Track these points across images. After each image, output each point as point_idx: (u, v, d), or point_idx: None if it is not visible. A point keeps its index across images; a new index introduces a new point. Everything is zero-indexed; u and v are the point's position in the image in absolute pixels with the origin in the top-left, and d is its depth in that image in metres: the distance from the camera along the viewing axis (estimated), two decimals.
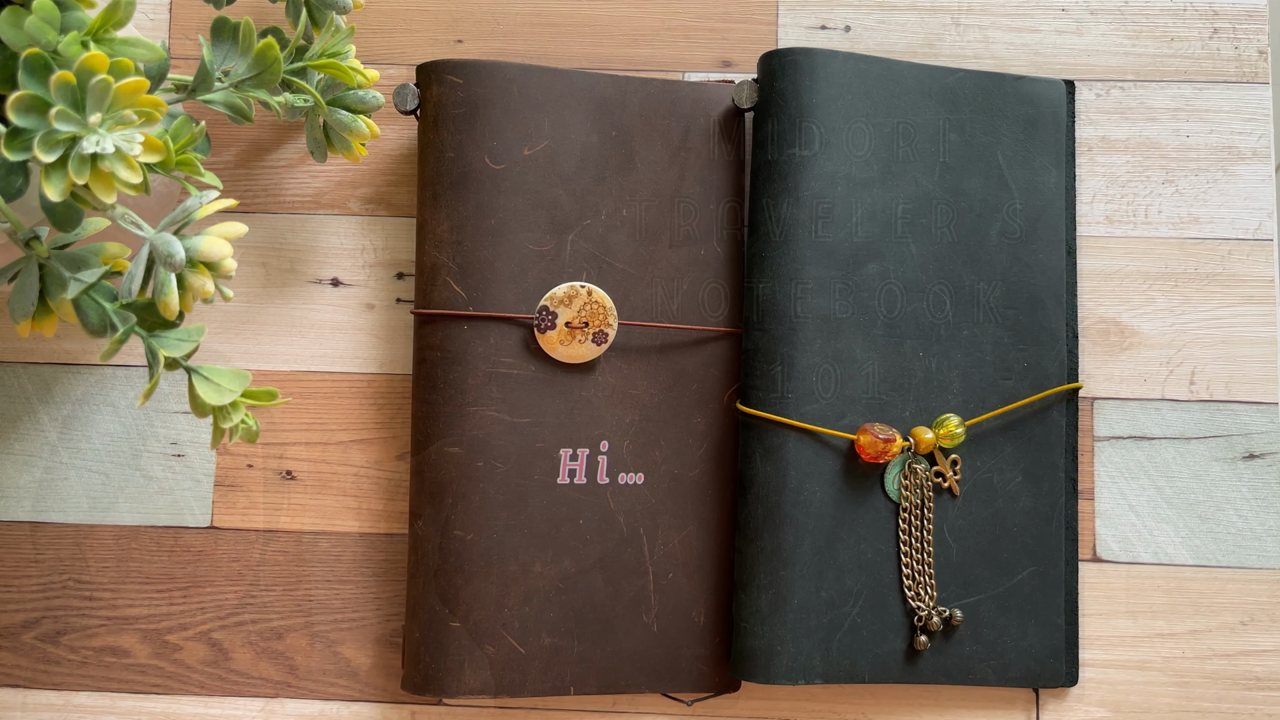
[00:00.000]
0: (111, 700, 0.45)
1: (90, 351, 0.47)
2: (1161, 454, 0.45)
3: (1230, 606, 0.44)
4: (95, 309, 0.33)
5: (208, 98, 0.37)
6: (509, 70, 0.43)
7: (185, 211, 0.34)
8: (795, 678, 0.41)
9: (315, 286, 0.47)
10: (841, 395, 0.42)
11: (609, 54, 0.48)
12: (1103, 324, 0.46)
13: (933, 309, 0.44)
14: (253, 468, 0.46)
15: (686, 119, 0.45)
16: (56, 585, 0.46)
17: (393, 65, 0.48)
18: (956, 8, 0.48)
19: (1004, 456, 0.44)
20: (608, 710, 0.45)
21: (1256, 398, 0.45)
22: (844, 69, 0.43)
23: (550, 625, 0.43)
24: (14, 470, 0.46)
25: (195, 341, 0.34)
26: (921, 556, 0.43)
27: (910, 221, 0.44)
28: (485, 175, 0.43)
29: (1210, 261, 0.46)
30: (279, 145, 0.48)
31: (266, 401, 0.35)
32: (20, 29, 0.28)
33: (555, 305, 0.43)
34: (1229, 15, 0.48)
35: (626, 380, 0.44)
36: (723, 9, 0.48)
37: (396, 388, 0.46)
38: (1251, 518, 0.45)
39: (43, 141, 0.28)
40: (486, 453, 0.42)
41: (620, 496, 0.44)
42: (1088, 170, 0.47)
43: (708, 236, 0.45)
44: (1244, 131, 0.47)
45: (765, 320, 0.42)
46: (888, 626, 0.43)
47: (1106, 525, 0.45)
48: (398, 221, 0.47)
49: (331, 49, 0.40)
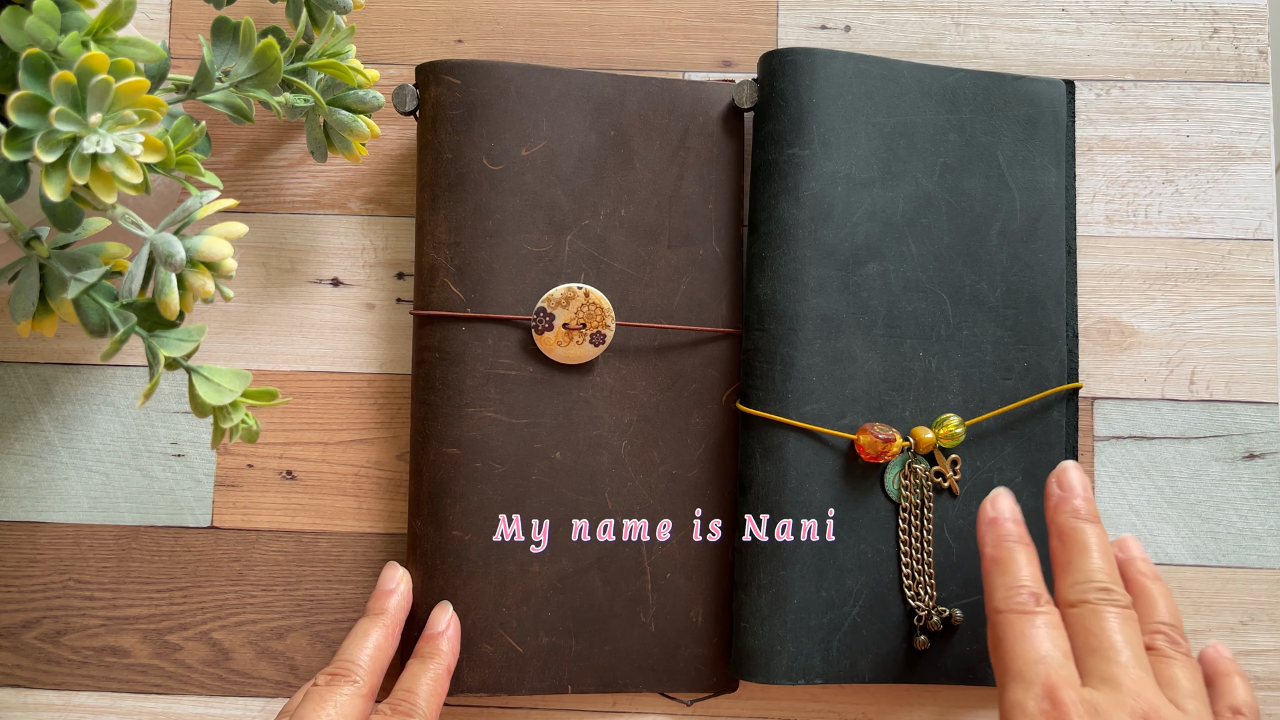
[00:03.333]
0: (111, 700, 0.45)
1: (90, 351, 0.47)
2: (1161, 454, 0.45)
3: (1230, 606, 0.44)
4: (95, 309, 0.33)
5: (208, 98, 0.37)
6: (507, 70, 0.43)
7: (185, 211, 0.34)
8: (795, 678, 0.41)
9: (315, 286, 0.47)
10: (841, 395, 0.42)
11: (609, 54, 0.48)
12: (1103, 324, 0.46)
13: (933, 309, 0.44)
14: (253, 468, 0.46)
15: (686, 119, 0.45)
16: (56, 585, 0.46)
17: (393, 65, 0.48)
18: (956, 8, 0.48)
19: (1004, 456, 0.44)
20: (607, 710, 0.45)
21: (1256, 398, 0.45)
22: (844, 69, 0.43)
23: (548, 624, 0.43)
24: (14, 470, 0.46)
25: (195, 341, 0.34)
26: (921, 556, 0.43)
27: (910, 221, 0.44)
28: (483, 176, 0.43)
29: (1210, 261, 0.46)
30: (279, 145, 0.48)
31: (266, 401, 0.35)
32: (20, 29, 0.28)
33: (553, 306, 0.43)
34: (1229, 15, 0.47)
35: (625, 381, 0.44)
36: (723, 9, 0.48)
37: (396, 388, 0.46)
38: (1251, 517, 0.45)
39: (43, 141, 0.28)
40: (485, 453, 0.42)
41: (618, 497, 0.44)
42: (1088, 170, 0.47)
43: (707, 236, 0.45)
44: (1244, 131, 0.47)
45: (765, 320, 0.42)
46: (888, 626, 0.43)
47: (1107, 525, 0.45)
48: (398, 221, 0.47)
49: (332, 49, 0.40)
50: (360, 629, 0.41)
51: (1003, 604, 0.36)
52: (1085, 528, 0.38)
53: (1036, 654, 0.34)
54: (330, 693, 0.38)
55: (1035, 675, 0.34)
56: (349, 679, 0.39)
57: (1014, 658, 0.35)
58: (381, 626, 0.41)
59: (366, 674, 0.39)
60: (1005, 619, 0.36)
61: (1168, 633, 0.37)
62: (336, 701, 0.38)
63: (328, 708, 0.37)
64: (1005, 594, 0.37)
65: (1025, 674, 0.34)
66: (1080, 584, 0.37)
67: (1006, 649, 0.35)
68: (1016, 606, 0.36)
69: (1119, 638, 0.35)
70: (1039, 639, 0.35)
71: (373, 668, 0.40)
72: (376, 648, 0.40)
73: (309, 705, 0.37)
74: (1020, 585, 0.37)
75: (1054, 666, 0.34)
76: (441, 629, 0.42)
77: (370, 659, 0.40)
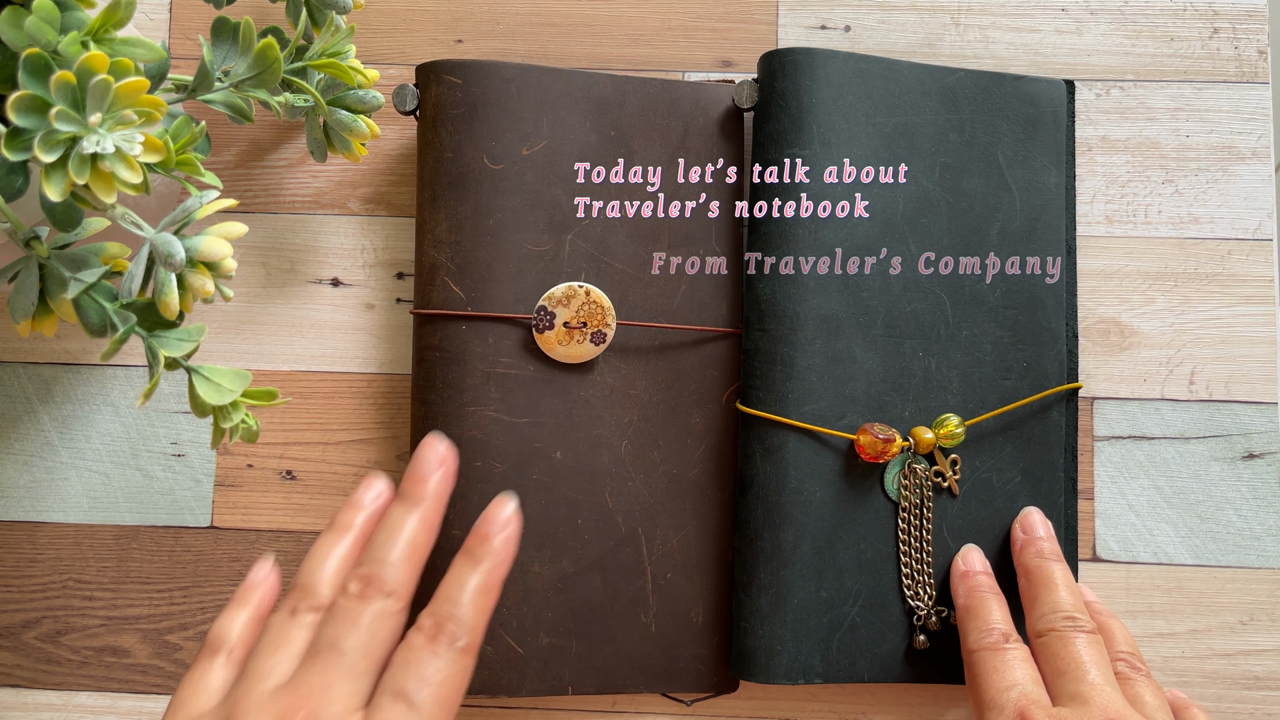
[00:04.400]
0: (111, 700, 0.45)
1: (90, 351, 0.47)
2: (1161, 454, 0.45)
3: (1230, 606, 0.44)
4: (95, 309, 0.33)
5: (208, 98, 0.37)
6: (507, 70, 0.43)
7: (185, 211, 0.34)
8: (795, 677, 0.41)
9: (315, 286, 0.47)
10: (841, 395, 0.42)
11: (609, 54, 0.48)
12: (1102, 324, 0.46)
13: (932, 309, 0.44)
14: (253, 468, 0.46)
15: (686, 119, 0.45)
16: (56, 585, 0.46)
17: (393, 65, 0.48)
18: (956, 8, 0.48)
19: (1003, 456, 0.44)
20: (607, 710, 0.45)
21: (1256, 398, 0.45)
22: (844, 69, 0.43)
23: (548, 625, 0.43)
24: (14, 470, 0.46)
25: (195, 341, 0.34)
26: (921, 556, 0.43)
27: (910, 221, 0.44)
28: (484, 175, 0.43)
29: (1210, 261, 0.46)
30: (279, 145, 0.48)
31: (266, 401, 0.35)
32: (20, 29, 0.28)
33: (553, 305, 0.43)
34: (1229, 15, 0.48)
35: (625, 380, 0.44)
36: (723, 9, 0.48)
37: (396, 388, 0.46)
38: (1251, 517, 0.45)
39: (43, 141, 0.28)
40: (485, 453, 0.42)
41: (619, 497, 0.44)
42: (1088, 170, 0.47)
43: (706, 236, 0.45)
44: (1244, 131, 0.47)
45: (765, 320, 0.43)
46: (887, 626, 0.43)
47: (1106, 525, 0.45)
48: (398, 221, 0.47)
49: (331, 49, 0.40)
50: (394, 519, 0.32)
51: (975, 644, 0.39)
52: (1050, 565, 0.41)
53: (1008, 682, 0.37)
54: (361, 608, 0.30)
55: (1007, 701, 0.36)
56: (381, 590, 0.31)
57: (987, 688, 0.37)
58: (420, 517, 0.32)
59: (402, 582, 0.31)
60: (978, 656, 0.38)
61: (1128, 659, 0.39)
62: (367, 622, 0.30)
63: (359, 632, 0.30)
64: (978, 635, 0.39)
65: (998, 701, 0.36)
66: (1047, 614, 0.39)
67: (981, 682, 0.37)
68: (988, 645, 0.38)
69: (1086, 658, 0.37)
70: (1010, 669, 0.37)
71: (409, 574, 0.31)
72: (413, 546, 0.32)
73: (336, 624, 0.30)
74: (992, 628, 0.39)
75: (1025, 691, 0.36)
76: (500, 529, 0.33)
77: (405, 561, 0.31)
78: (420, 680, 0.29)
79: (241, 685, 0.30)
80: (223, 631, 0.32)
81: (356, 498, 0.34)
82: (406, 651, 0.30)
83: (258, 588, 0.34)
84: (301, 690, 0.29)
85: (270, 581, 0.34)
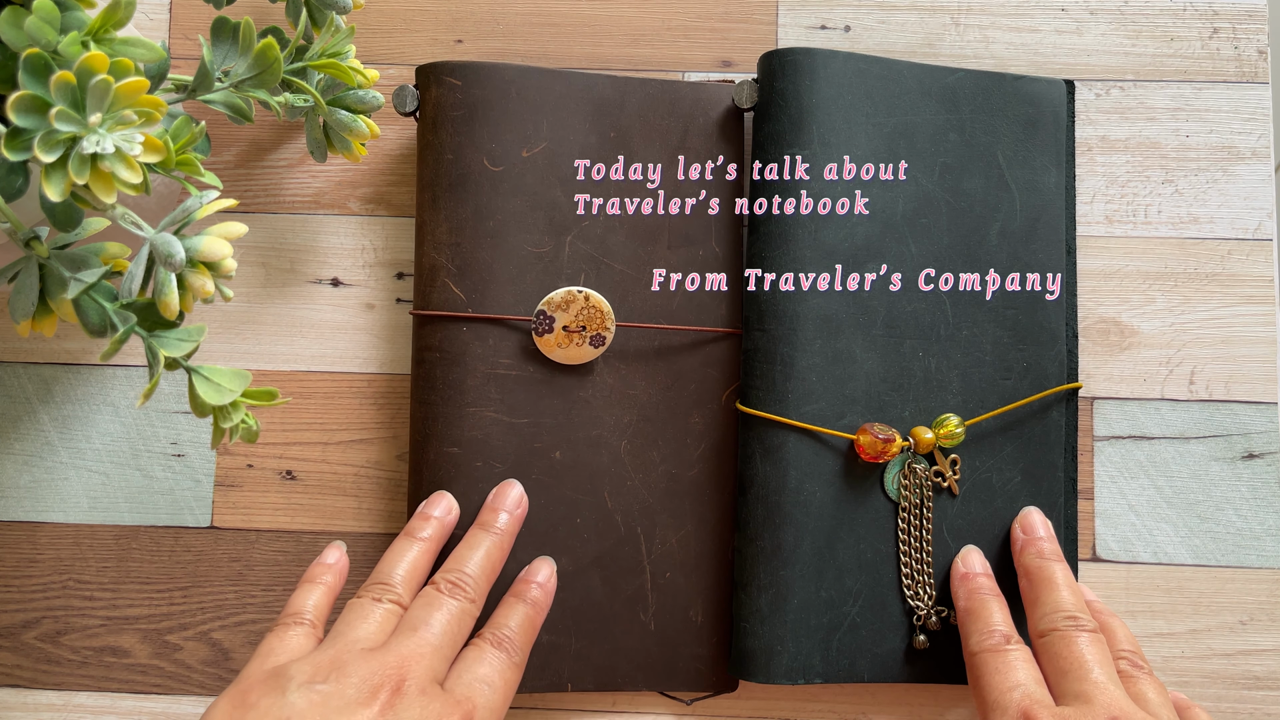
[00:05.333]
0: (111, 700, 0.45)
1: (90, 351, 0.47)
2: (1161, 454, 0.45)
3: (1230, 606, 0.44)
4: (95, 309, 0.33)
5: (208, 98, 0.37)
6: (507, 72, 0.43)
7: (185, 211, 0.34)
8: (795, 677, 0.41)
9: (315, 286, 0.47)
10: (841, 395, 0.42)
11: (609, 54, 0.48)
12: (1102, 324, 0.46)
13: (932, 309, 0.44)
14: (253, 468, 0.46)
15: (686, 119, 0.45)
16: (56, 585, 0.46)
17: (393, 65, 0.48)
18: (956, 8, 0.48)
19: (1003, 456, 0.44)
20: (606, 709, 0.45)
21: (1256, 398, 0.45)
22: (844, 69, 0.43)
23: (548, 623, 0.43)
24: (14, 470, 0.46)
25: (195, 341, 0.34)
26: (921, 556, 0.43)
27: (910, 221, 0.44)
28: (484, 177, 0.43)
29: (1210, 261, 0.46)
30: (279, 145, 0.48)
31: (266, 401, 0.35)
32: (20, 29, 0.28)
33: (552, 309, 0.43)
34: (1229, 15, 0.48)
35: (625, 381, 0.44)
36: (723, 9, 0.48)
37: (396, 388, 0.46)
38: (1251, 517, 0.45)
39: (43, 141, 0.28)
40: (485, 453, 0.42)
41: (618, 497, 0.44)
42: (1087, 170, 0.47)
43: (706, 237, 0.45)
44: (1244, 131, 0.47)
45: (765, 320, 0.43)
46: (887, 626, 0.43)
47: (1106, 525, 0.45)
48: (398, 221, 0.47)
49: (331, 49, 0.40)
50: (475, 540, 0.40)
51: (977, 646, 0.39)
52: (1050, 565, 0.41)
53: (1011, 683, 0.36)
54: (450, 601, 0.37)
55: (1010, 701, 0.36)
56: (465, 593, 0.37)
57: (990, 690, 0.37)
58: (496, 542, 0.40)
59: (481, 592, 0.38)
60: (981, 658, 0.38)
61: (1130, 657, 0.39)
62: (451, 610, 0.36)
63: (448, 618, 0.36)
64: (979, 638, 0.39)
65: (1001, 701, 0.36)
66: (1049, 614, 0.39)
67: (983, 684, 0.37)
68: (990, 647, 0.38)
69: (1089, 657, 0.37)
70: (1013, 670, 0.37)
71: (485, 586, 0.38)
72: (490, 563, 0.39)
73: (429, 608, 0.36)
74: (994, 629, 0.39)
75: (1028, 692, 0.36)
76: (541, 579, 0.41)
77: (484, 575, 0.38)
78: (491, 669, 0.36)
79: (335, 642, 0.35)
80: (299, 605, 0.37)
81: (427, 510, 0.41)
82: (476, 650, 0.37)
83: (329, 570, 0.40)
84: (394, 653, 0.34)
85: (341, 564, 0.40)
